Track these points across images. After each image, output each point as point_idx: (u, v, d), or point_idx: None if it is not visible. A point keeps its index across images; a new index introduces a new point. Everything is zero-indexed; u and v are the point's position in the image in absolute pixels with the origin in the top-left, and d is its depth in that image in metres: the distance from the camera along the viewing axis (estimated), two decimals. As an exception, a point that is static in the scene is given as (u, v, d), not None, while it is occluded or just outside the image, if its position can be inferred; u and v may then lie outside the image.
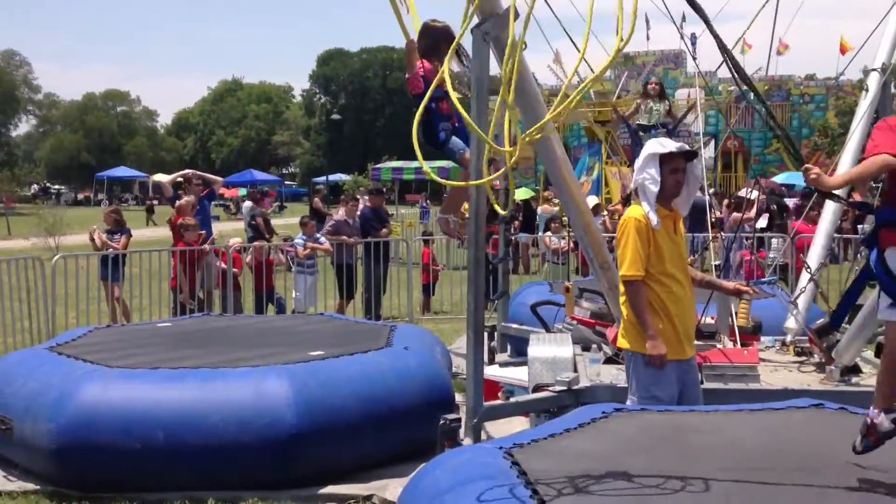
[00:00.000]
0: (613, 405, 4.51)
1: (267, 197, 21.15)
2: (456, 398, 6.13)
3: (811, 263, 6.65)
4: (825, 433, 4.12)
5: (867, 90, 6.80)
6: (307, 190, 51.35)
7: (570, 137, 27.77)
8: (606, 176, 19.85)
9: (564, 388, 5.19)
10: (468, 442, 4.73)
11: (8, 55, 65.29)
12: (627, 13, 3.36)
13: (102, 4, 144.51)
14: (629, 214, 4.66)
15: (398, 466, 5.28)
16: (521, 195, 19.96)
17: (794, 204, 15.37)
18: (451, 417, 4.85)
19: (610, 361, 5.69)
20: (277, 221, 20.52)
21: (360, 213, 12.78)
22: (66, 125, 73.73)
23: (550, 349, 5.70)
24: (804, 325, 6.30)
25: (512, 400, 5.50)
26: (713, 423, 4.25)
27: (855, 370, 5.60)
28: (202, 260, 10.33)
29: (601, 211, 15.28)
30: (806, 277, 6.62)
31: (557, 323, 6.90)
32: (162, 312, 10.33)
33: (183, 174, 12.41)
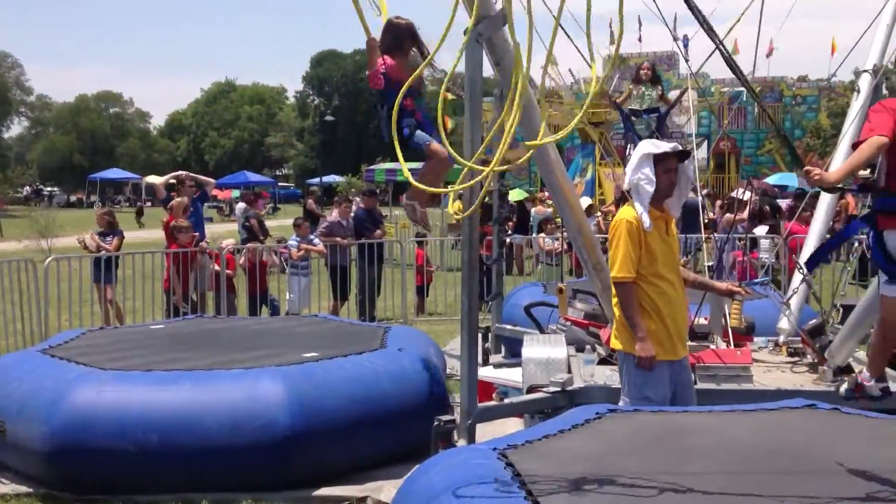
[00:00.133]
0: (607, 406, 4.52)
1: (261, 198, 21.09)
2: (450, 399, 6.13)
3: (803, 264, 6.66)
4: (818, 433, 4.13)
5: (859, 91, 6.83)
6: (301, 191, 51.27)
7: (563, 139, 27.79)
8: (600, 177, 19.85)
9: (558, 389, 5.21)
10: (462, 443, 4.74)
11: (0, 57, 65.05)
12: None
13: (95, 6, 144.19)
14: (621, 216, 4.67)
15: (392, 468, 5.28)
16: (514, 196, 19.97)
17: (786, 205, 15.42)
18: (445, 419, 4.86)
19: (604, 362, 5.70)
20: (271, 223, 20.48)
21: (353, 214, 12.79)
22: (58, 127, 73.49)
23: (544, 350, 5.71)
24: (797, 325, 6.33)
25: (506, 401, 5.50)
26: (707, 423, 4.26)
27: (848, 370, 5.62)
28: (196, 262, 10.31)
29: (594, 212, 15.30)
30: (798, 278, 6.64)
31: (551, 324, 6.91)
32: (155, 314, 10.30)
33: (176, 176, 12.40)
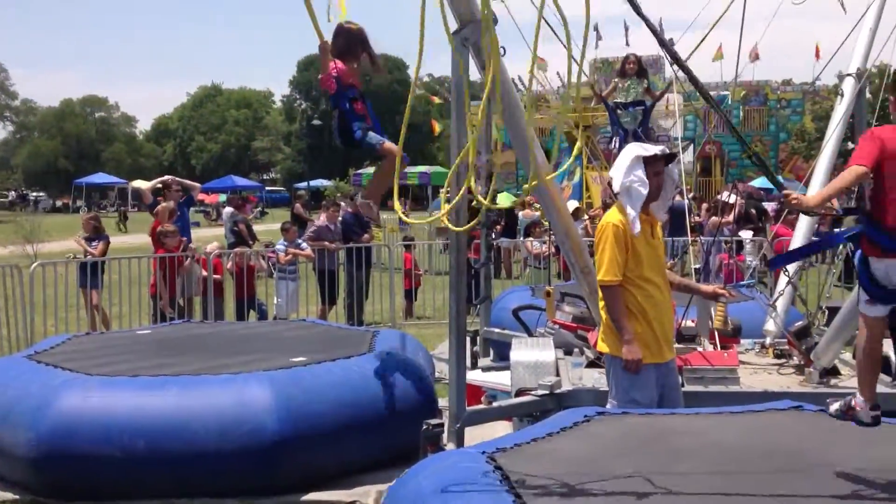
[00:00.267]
0: (596, 409, 4.53)
1: (248, 203, 20.98)
2: (439, 403, 6.13)
3: (789, 267, 6.71)
4: (806, 435, 4.15)
5: (842, 95, 6.89)
6: (288, 195, 51.11)
7: (550, 142, 27.85)
8: (587, 181, 19.90)
9: (547, 392, 5.21)
10: (451, 447, 4.74)
11: (-16, 61, 64.70)
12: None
13: (80, 9, 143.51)
14: (607, 219, 4.68)
15: (381, 472, 5.27)
16: (502, 201, 19.99)
17: (772, 208, 15.51)
18: (433, 422, 4.86)
19: (592, 365, 5.71)
20: (259, 227, 20.45)
21: (341, 218, 12.76)
22: (43, 131, 73.01)
23: (533, 353, 5.72)
24: (783, 327, 6.36)
25: (495, 404, 5.50)
26: (694, 425, 4.28)
27: (834, 372, 5.66)
28: (182, 267, 10.27)
29: (582, 215, 15.33)
30: (784, 280, 6.68)
31: (539, 327, 6.92)
32: (142, 319, 10.26)
33: (162, 180, 12.34)
